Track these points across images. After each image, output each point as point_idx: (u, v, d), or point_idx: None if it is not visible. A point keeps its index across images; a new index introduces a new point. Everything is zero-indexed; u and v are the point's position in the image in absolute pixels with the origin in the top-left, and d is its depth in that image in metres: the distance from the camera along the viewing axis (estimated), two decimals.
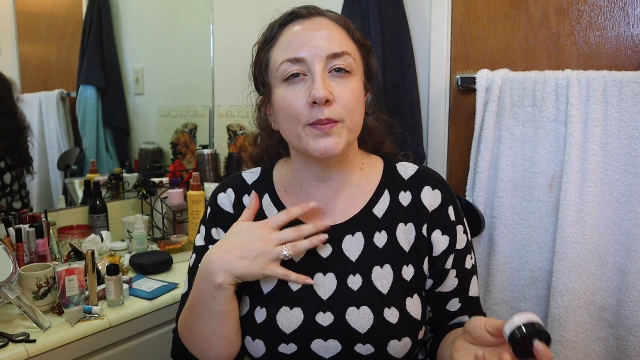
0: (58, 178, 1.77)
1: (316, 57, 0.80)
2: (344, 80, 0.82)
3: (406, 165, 0.94)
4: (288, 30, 0.85)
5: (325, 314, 0.84)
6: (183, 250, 1.58)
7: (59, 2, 1.79)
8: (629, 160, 1.24)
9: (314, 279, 0.85)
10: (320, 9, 0.87)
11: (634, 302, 1.21)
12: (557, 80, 1.30)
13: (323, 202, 0.90)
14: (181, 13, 2.13)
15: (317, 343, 0.83)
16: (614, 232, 1.26)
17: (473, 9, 1.50)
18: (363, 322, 0.82)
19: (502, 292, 1.40)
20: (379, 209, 0.89)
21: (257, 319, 0.86)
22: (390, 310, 0.83)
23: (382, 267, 0.86)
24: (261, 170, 0.97)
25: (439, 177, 0.93)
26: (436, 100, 1.57)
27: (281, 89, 0.83)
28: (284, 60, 0.82)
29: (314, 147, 0.80)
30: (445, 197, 0.90)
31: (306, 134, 0.81)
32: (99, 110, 1.90)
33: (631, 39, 1.31)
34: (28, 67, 1.68)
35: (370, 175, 0.93)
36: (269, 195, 0.93)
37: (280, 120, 0.85)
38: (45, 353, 1.06)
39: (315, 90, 0.78)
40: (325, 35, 0.82)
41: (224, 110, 2.08)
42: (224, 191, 0.95)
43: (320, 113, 0.79)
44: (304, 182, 0.91)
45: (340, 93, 0.80)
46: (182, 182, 1.86)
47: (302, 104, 0.80)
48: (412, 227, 0.88)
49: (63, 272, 1.15)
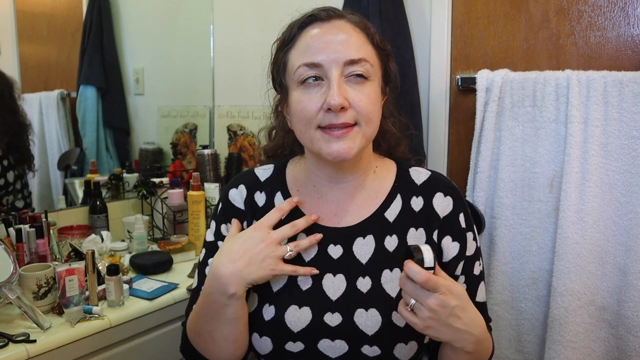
0: (58, 178, 1.77)
1: (333, 63, 0.80)
2: (360, 86, 0.82)
3: (419, 171, 0.94)
4: (306, 33, 0.84)
5: (334, 314, 0.84)
6: (183, 250, 1.58)
7: (59, 2, 1.79)
8: (629, 160, 1.24)
9: (324, 280, 0.86)
10: (340, 11, 0.87)
11: (634, 302, 1.21)
12: (557, 80, 1.30)
13: (335, 203, 0.91)
14: (181, 13, 2.13)
15: (324, 342, 0.84)
16: (614, 232, 1.26)
17: (473, 9, 1.50)
18: (371, 324, 0.83)
19: (502, 292, 1.40)
20: (390, 213, 0.89)
21: (265, 316, 0.86)
22: (398, 314, 0.83)
23: (392, 271, 0.86)
24: (274, 167, 0.97)
25: (451, 183, 0.93)
26: (436, 100, 1.57)
27: (297, 91, 0.83)
28: (301, 64, 0.82)
29: (326, 151, 0.81)
30: (456, 203, 0.90)
31: (317, 138, 0.81)
32: (99, 110, 1.90)
33: (631, 39, 1.31)
34: (28, 67, 1.68)
35: (383, 178, 0.93)
36: (281, 193, 0.93)
37: (294, 121, 0.86)
38: (45, 353, 1.06)
39: (331, 96, 0.78)
40: (343, 40, 0.82)
41: (224, 110, 2.08)
42: (235, 187, 0.95)
43: (334, 118, 0.79)
44: (317, 182, 0.92)
45: (356, 98, 0.80)
46: (182, 182, 1.86)
47: (316, 108, 0.80)
48: (422, 232, 0.89)
49: (63, 272, 1.15)
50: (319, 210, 0.91)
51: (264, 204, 0.93)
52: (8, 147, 1.58)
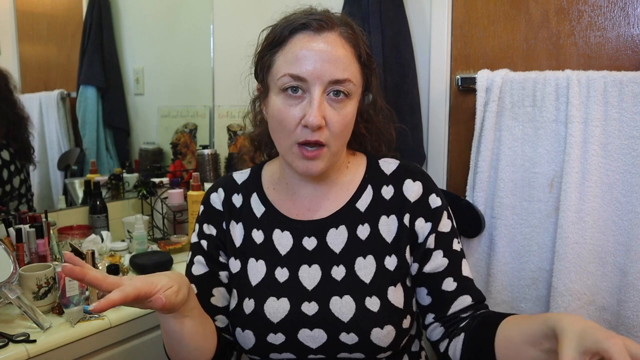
0: (58, 178, 1.77)
1: (317, 80, 0.82)
2: (340, 105, 0.84)
3: (388, 161, 0.98)
4: (296, 40, 0.85)
5: (310, 304, 0.87)
6: (183, 250, 1.59)
7: (59, 2, 1.79)
8: (629, 160, 1.24)
9: (300, 271, 0.90)
10: (332, 20, 0.86)
11: (634, 302, 1.21)
12: (557, 80, 1.30)
13: (308, 199, 0.95)
14: (181, 13, 2.13)
15: (303, 332, 0.86)
16: (614, 232, 1.26)
17: (473, 9, 1.50)
18: (345, 311, 0.86)
19: (502, 292, 1.40)
20: (361, 203, 0.93)
21: (246, 310, 0.90)
22: (372, 299, 0.86)
23: (365, 258, 0.90)
24: (250, 170, 1.02)
25: (419, 169, 0.97)
26: (436, 100, 1.57)
27: (278, 98, 0.85)
28: (285, 74, 0.83)
29: (297, 165, 0.86)
30: (425, 186, 0.94)
31: (293, 152, 0.85)
32: (99, 110, 1.90)
33: (631, 39, 1.31)
34: (28, 67, 1.68)
35: (354, 172, 0.97)
36: (257, 194, 0.98)
37: (272, 125, 0.88)
38: (45, 353, 1.06)
39: (310, 115, 0.81)
40: (331, 58, 0.83)
41: (224, 110, 2.08)
42: (215, 191, 1.01)
43: (309, 135, 0.83)
44: (290, 181, 0.96)
45: (333, 119, 0.83)
46: (182, 182, 1.87)
47: (295, 121, 0.83)
48: (394, 219, 0.92)
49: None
50: (293, 206, 0.95)
51: (241, 204, 0.98)
52: (7, 139, 1.58)
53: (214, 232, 0.98)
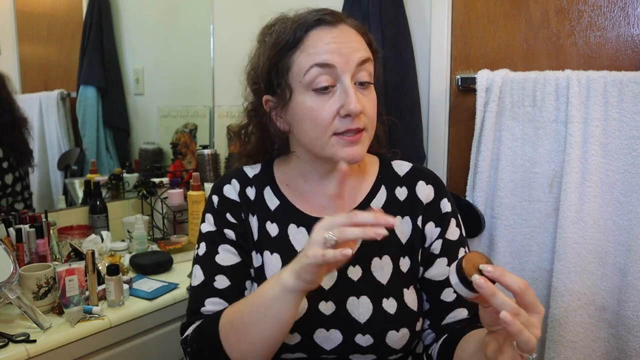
0: (58, 178, 1.77)
1: (346, 66, 0.83)
2: (367, 92, 0.86)
3: (400, 164, 0.99)
4: (315, 35, 0.85)
5: (327, 303, 0.86)
6: (183, 250, 1.58)
7: (59, 2, 1.79)
8: (629, 160, 1.24)
9: None
10: (342, 15, 0.89)
11: (634, 302, 1.21)
12: (557, 80, 1.30)
13: (324, 197, 0.94)
14: (181, 13, 2.13)
15: (319, 333, 0.85)
16: (614, 232, 1.26)
17: (473, 9, 1.50)
18: (362, 312, 0.85)
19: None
20: (376, 203, 0.93)
21: None
22: (389, 300, 0.86)
23: (381, 258, 0.89)
24: (261, 165, 1.01)
25: (432, 173, 0.98)
26: (436, 100, 1.57)
27: (307, 96, 0.84)
28: (312, 64, 0.83)
29: (341, 155, 0.84)
30: (437, 191, 0.95)
31: (332, 144, 0.84)
32: (99, 110, 1.90)
33: (631, 39, 1.31)
34: (28, 67, 1.68)
35: (368, 172, 0.97)
36: (270, 188, 0.97)
37: (303, 127, 0.86)
38: (45, 353, 1.06)
39: (350, 103, 0.81)
40: (352, 43, 0.85)
41: (224, 110, 2.08)
42: (228, 182, 0.98)
43: (350, 123, 0.83)
44: (307, 178, 0.94)
45: (367, 105, 0.85)
46: (182, 182, 1.87)
47: (331, 114, 0.83)
48: (408, 220, 0.92)
49: (63, 272, 1.15)
50: (307, 203, 0.94)
51: (255, 197, 0.96)
52: (3, 140, 1.57)
53: (236, 222, 0.94)
